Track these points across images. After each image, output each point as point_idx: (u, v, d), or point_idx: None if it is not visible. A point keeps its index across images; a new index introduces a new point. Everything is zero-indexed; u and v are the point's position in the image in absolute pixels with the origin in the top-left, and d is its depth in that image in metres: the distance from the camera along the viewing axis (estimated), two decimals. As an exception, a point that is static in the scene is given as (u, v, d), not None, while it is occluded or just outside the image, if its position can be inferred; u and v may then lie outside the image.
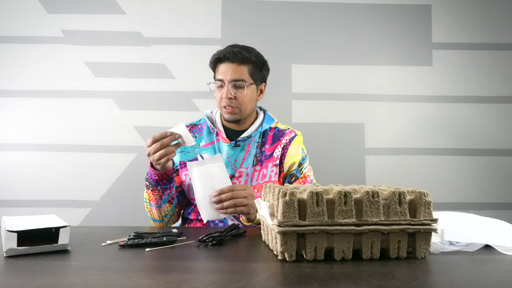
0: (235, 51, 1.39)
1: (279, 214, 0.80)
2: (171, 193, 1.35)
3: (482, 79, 2.28)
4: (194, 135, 1.49)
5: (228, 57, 1.39)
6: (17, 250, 0.84)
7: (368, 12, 2.28)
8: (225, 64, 1.40)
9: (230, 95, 1.38)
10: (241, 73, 1.39)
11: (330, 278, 0.69)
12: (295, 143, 1.48)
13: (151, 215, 1.38)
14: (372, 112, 2.26)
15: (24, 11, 2.21)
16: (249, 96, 1.42)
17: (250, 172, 1.41)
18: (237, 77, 1.39)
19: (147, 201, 1.36)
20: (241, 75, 1.39)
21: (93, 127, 2.21)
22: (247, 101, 1.42)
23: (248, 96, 1.41)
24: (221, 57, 1.40)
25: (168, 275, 0.71)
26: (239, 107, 1.41)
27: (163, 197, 1.33)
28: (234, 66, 1.39)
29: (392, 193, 0.82)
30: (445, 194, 2.24)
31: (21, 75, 2.20)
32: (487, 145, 2.26)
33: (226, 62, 1.40)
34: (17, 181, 2.17)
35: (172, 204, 1.37)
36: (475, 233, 0.93)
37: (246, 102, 1.42)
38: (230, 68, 1.39)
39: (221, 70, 1.41)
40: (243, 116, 1.44)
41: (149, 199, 1.34)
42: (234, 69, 1.39)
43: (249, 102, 1.43)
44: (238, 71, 1.39)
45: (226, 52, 1.39)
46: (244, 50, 1.40)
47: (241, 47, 1.43)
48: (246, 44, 1.47)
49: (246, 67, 1.40)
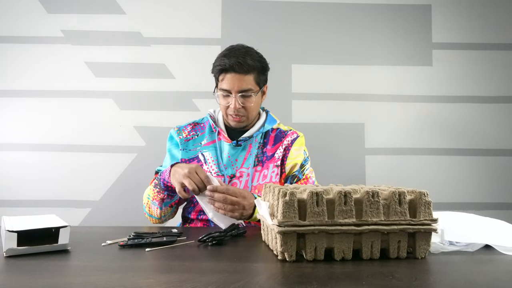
0: (240, 61, 1.34)
1: (279, 214, 0.80)
2: (174, 198, 1.35)
3: (482, 79, 2.28)
4: (197, 133, 1.49)
5: (234, 68, 1.35)
6: (17, 250, 0.84)
7: (368, 12, 2.28)
8: (230, 74, 1.36)
9: (238, 106, 1.37)
10: (248, 82, 1.37)
11: (330, 278, 0.69)
12: (297, 145, 1.47)
13: (149, 212, 1.38)
14: (372, 112, 2.26)
15: (24, 11, 2.21)
16: (256, 103, 1.42)
17: (251, 172, 1.41)
18: (245, 87, 1.37)
19: (150, 198, 1.35)
20: (248, 85, 1.37)
21: (93, 127, 2.21)
22: (254, 109, 1.42)
23: (255, 104, 1.42)
24: (226, 69, 1.36)
25: (168, 275, 0.71)
26: (246, 115, 1.41)
27: (166, 200, 1.33)
28: (240, 77, 1.36)
29: (392, 193, 0.82)
30: (445, 194, 2.24)
31: (21, 75, 2.21)
32: (487, 145, 2.26)
33: (231, 73, 1.36)
34: (17, 181, 2.17)
35: (173, 207, 1.38)
36: (475, 233, 0.93)
37: (253, 110, 1.42)
38: (236, 79, 1.36)
39: (227, 80, 1.37)
40: (250, 122, 1.45)
41: (153, 197, 1.34)
42: (240, 79, 1.36)
43: (256, 109, 1.44)
44: (244, 82, 1.36)
45: (231, 63, 1.35)
46: (248, 58, 1.36)
47: (243, 53, 1.38)
48: (246, 44, 1.45)
49: (251, 75, 1.38)
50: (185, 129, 1.51)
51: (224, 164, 1.42)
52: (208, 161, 1.43)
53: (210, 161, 1.43)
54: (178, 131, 1.50)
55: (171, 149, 1.50)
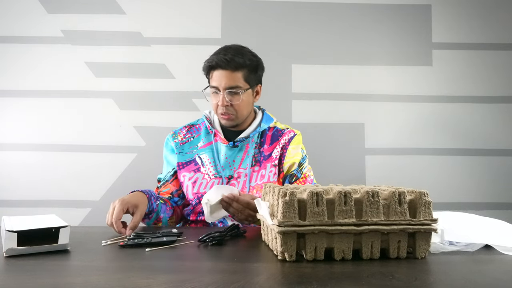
0: (227, 58, 1.34)
1: (279, 214, 0.80)
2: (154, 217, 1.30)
3: (482, 79, 2.28)
4: (192, 135, 1.49)
5: (221, 64, 1.35)
6: (17, 250, 0.84)
7: (368, 12, 2.28)
8: (218, 71, 1.36)
9: (225, 103, 1.36)
10: (236, 79, 1.36)
11: (330, 278, 0.69)
12: (294, 143, 1.47)
13: None
14: (372, 112, 2.26)
15: (24, 11, 2.21)
16: (245, 102, 1.40)
17: (248, 173, 1.40)
18: (232, 84, 1.35)
19: None
20: (236, 81, 1.36)
21: (93, 127, 2.21)
22: (243, 107, 1.40)
23: (244, 102, 1.39)
24: (213, 65, 1.37)
25: (168, 275, 0.71)
26: (235, 113, 1.39)
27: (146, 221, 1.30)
28: (228, 73, 1.35)
29: (392, 193, 0.82)
30: (445, 194, 2.23)
31: (21, 75, 2.20)
32: (487, 145, 2.26)
33: (219, 70, 1.36)
34: (17, 181, 2.17)
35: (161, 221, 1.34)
36: (475, 233, 0.93)
37: (243, 108, 1.40)
38: (224, 76, 1.35)
39: (215, 77, 1.37)
40: (240, 121, 1.43)
41: None
42: (228, 76, 1.35)
43: (246, 107, 1.41)
44: (232, 78, 1.36)
45: (218, 60, 1.35)
46: (238, 56, 1.36)
47: (233, 50, 1.37)
48: (246, 44, 1.45)
49: (240, 72, 1.37)
50: (180, 132, 1.50)
51: (222, 166, 1.41)
52: (205, 163, 1.43)
53: (208, 163, 1.42)
54: (173, 135, 1.50)
55: (166, 155, 1.50)
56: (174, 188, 1.46)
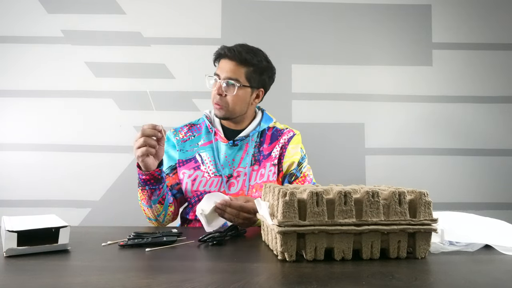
0: (237, 50, 1.37)
1: (279, 214, 0.80)
2: (161, 193, 1.32)
3: (482, 79, 2.28)
4: (193, 134, 1.49)
5: (228, 54, 1.38)
6: (17, 250, 0.83)
7: (368, 12, 2.28)
8: (225, 60, 1.39)
9: (220, 91, 1.38)
10: (237, 73, 1.38)
11: (330, 278, 0.69)
12: (293, 143, 1.47)
13: (145, 214, 1.38)
14: (372, 112, 2.26)
15: (24, 11, 2.21)
16: (239, 98, 1.39)
17: (248, 171, 1.41)
18: (232, 75, 1.37)
19: (139, 200, 1.35)
20: (236, 75, 1.37)
21: (93, 127, 2.21)
22: (235, 102, 1.39)
23: (238, 98, 1.39)
24: (222, 54, 1.40)
25: (168, 275, 0.71)
26: (226, 106, 1.39)
27: (153, 197, 1.30)
28: (232, 65, 1.38)
29: (392, 193, 0.82)
30: (445, 194, 2.24)
31: (21, 75, 2.21)
32: (487, 145, 2.27)
33: (226, 59, 1.39)
34: (17, 181, 2.17)
35: (163, 205, 1.34)
36: (475, 233, 0.93)
37: (235, 103, 1.39)
38: (227, 65, 1.38)
39: (220, 65, 1.40)
40: (231, 115, 1.42)
41: (140, 197, 1.33)
42: (231, 67, 1.38)
43: (238, 104, 1.40)
44: (234, 71, 1.37)
45: (228, 49, 1.38)
46: (249, 53, 1.38)
47: (247, 48, 1.40)
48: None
49: (244, 68, 1.38)
50: (181, 130, 1.51)
51: (222, 164, 1.42)
52: (205, 161, 1.43)
53: (208, 161, 1.43)
54: (174, 132, 1.50)
55: (168, 150, 1.49)
56: (174, 181, 1.46)
